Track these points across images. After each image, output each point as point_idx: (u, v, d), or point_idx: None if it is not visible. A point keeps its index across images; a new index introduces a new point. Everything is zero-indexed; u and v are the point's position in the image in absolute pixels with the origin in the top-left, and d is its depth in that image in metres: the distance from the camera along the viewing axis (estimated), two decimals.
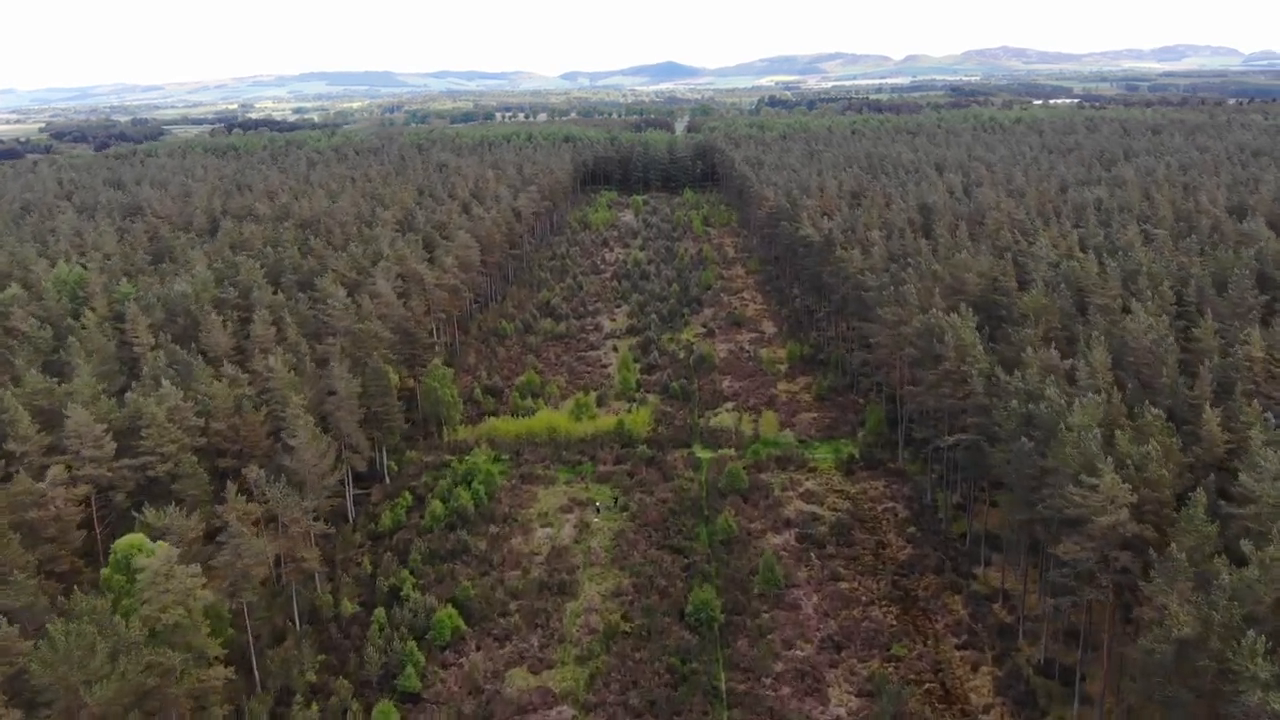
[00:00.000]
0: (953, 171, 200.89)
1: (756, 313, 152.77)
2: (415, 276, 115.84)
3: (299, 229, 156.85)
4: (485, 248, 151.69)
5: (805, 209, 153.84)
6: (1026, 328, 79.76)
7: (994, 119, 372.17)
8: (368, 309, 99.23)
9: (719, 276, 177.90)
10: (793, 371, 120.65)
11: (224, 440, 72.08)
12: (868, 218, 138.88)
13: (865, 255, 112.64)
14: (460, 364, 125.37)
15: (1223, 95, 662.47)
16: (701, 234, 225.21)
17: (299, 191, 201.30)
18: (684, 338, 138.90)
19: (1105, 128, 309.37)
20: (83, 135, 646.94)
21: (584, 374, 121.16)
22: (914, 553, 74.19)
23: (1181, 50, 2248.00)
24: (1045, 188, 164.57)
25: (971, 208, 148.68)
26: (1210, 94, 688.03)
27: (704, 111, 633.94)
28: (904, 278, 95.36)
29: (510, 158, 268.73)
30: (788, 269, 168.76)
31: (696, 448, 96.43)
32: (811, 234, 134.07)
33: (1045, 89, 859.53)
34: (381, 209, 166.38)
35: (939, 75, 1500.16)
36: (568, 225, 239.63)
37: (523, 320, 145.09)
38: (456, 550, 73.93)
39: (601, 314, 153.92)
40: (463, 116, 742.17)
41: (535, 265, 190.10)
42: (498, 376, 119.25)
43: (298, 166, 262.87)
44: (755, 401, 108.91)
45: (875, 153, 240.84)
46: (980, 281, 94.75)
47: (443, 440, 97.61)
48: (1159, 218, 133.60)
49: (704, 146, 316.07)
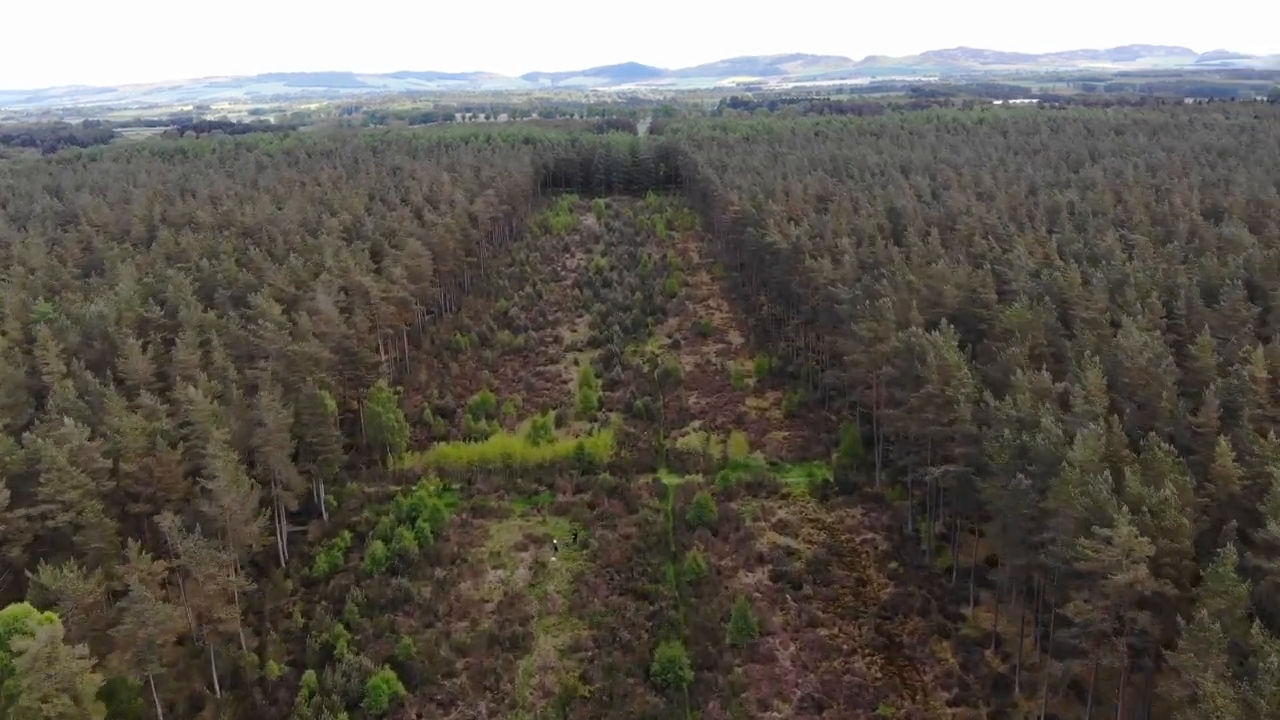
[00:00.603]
0: (919, 174, 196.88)
1: (723, 322, 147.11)
2: (360, 290, 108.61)
3: (240, 238, 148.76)
4: (438, 256, 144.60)
5: (771, 214, 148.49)
6: (1011, 345, 74.58)
7: (957, 120, 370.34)
8: (305, 327, 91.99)
9: (684, 283, 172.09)
10: (761, 386, 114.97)
11: (136, 483, 64.74)
12: (836, 224, 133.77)
13: (836, 264, 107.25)
14: (410, 382, 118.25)
15: (1178, 94, 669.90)
16: (665, 238, 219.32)
17: (245, 197, 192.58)
18: (648, 349, 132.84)
19: (1069, 128, 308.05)
20: (31, 139, 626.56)
21: (543, 391, 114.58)
22: (897, 591, 68.59)
23: (1136, 50, 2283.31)
24: (1015, 191, 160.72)
25: (941, 212, 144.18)
26: (1166, 93, 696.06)
27: (666, 113, 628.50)
28: (878, 290, 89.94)
29: (468, 160, 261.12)
30: (754, 276, 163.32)
31: (662, 473, 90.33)
32: (778, 241, 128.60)
33: (1004, 89, 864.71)
34: (329, 216, 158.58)
35: (898, 76, 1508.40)
36: (528, 230, 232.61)
37: (479, 333, 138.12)
38: (398, 599, 67.15)
39: (562, 324, 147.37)
40: (422, 117, 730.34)
41: (493, 273, 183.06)
42: (450, 395, 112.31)
43: (246, 171, 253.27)
44: (723, 420, 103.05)
45: (840, 155, 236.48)
46: (958, 293, 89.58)
47: (388, 469, 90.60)
48: (1135, 222, 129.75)
49: (667, 148, 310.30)
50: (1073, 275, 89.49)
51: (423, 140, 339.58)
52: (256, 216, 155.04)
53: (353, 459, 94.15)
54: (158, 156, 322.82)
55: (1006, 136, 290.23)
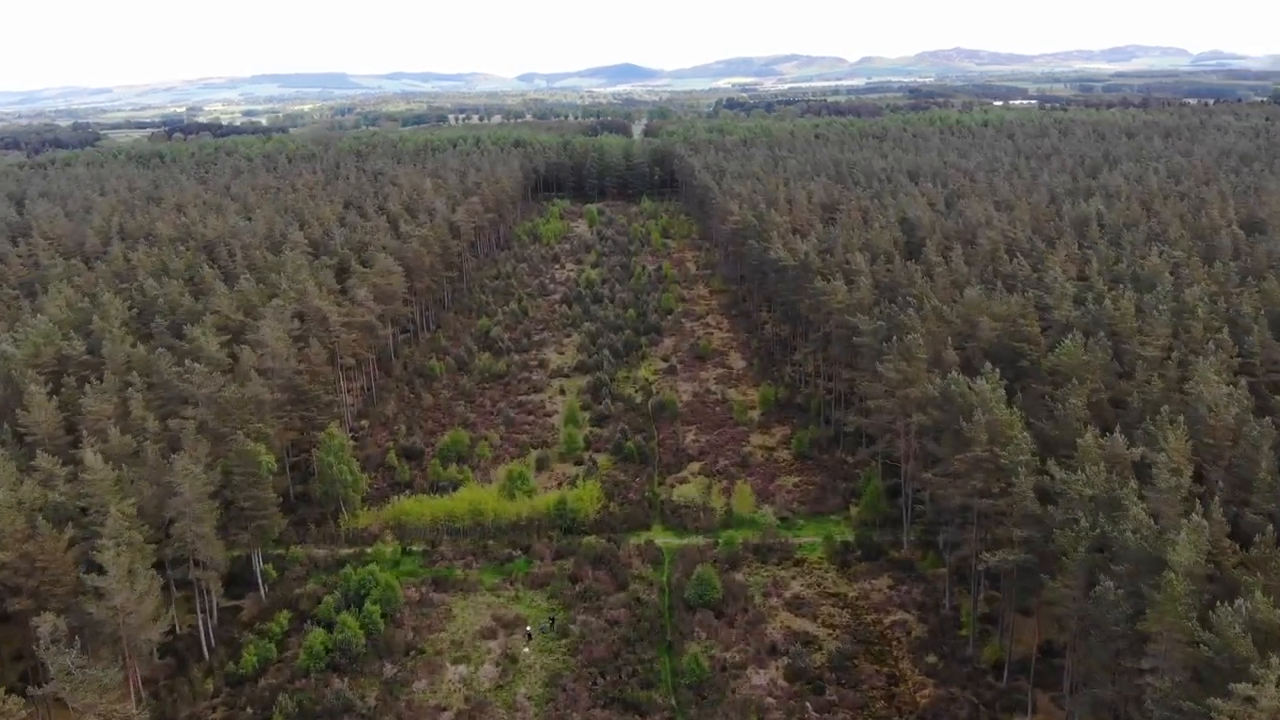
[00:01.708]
0: (929, 180, 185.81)
1: (723, 343, 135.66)
2: (317, 315, 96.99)
3: (200, 252, 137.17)
4: (413, 272, 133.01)
5: (775, 226, 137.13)
6: (1066, 390, 63.16)
7: (960, 122, 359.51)
8: (248, 364, 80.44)
9: (680, 299, 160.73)
10: (767, 419, 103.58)
11: (15, 574, 53.09)
12: (846, 237, 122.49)
13: (850, 286, 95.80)
14: (376, 416, 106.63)
15: (1177, 95, 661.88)
16: (660, 248, 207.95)
17: (213, 205, 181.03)
18: (642, 375, 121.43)
19: (1078, 131, 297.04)
20: (15, 141, 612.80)
21: (523, 426, 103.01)
22: (937, 694, 57.16)
23: (1130, 51, 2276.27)
24: (1036, 200, 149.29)
25: (959, 224, 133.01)
26: (1164, 94, 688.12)
27: (662, 114, 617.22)
28: (904, 321, 78.56)
29: (454, 165, 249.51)
30: (756, 290, 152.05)
31: (657, 530, 78.89)
32: (784, 257, 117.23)
33: (1001, 90, 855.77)
34: (298, 227, 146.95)
35: (894, 76, 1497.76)
36: (515, 238, 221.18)
37: (457, 356, 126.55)
38: (336, 709, 55.52)
39: (548, 345, 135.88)
40: (415, 119, 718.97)
41: (476, 286, 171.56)
42: (420, 432, 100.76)
43: (220, 176, 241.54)
44: (726, 462, 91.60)
45: (843, 159, 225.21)
46: (996, 326, 78.16)
47: (340, 527, 78.99)
48: (1172, 236, 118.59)
49: (662, 152, 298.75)
50: (1125, 304, 78.20)
51: (409, 143, 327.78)
52: (219, 229, 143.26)
53: (303, 512, 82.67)
54: (134, 161, 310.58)
55: (1014, 139, 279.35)
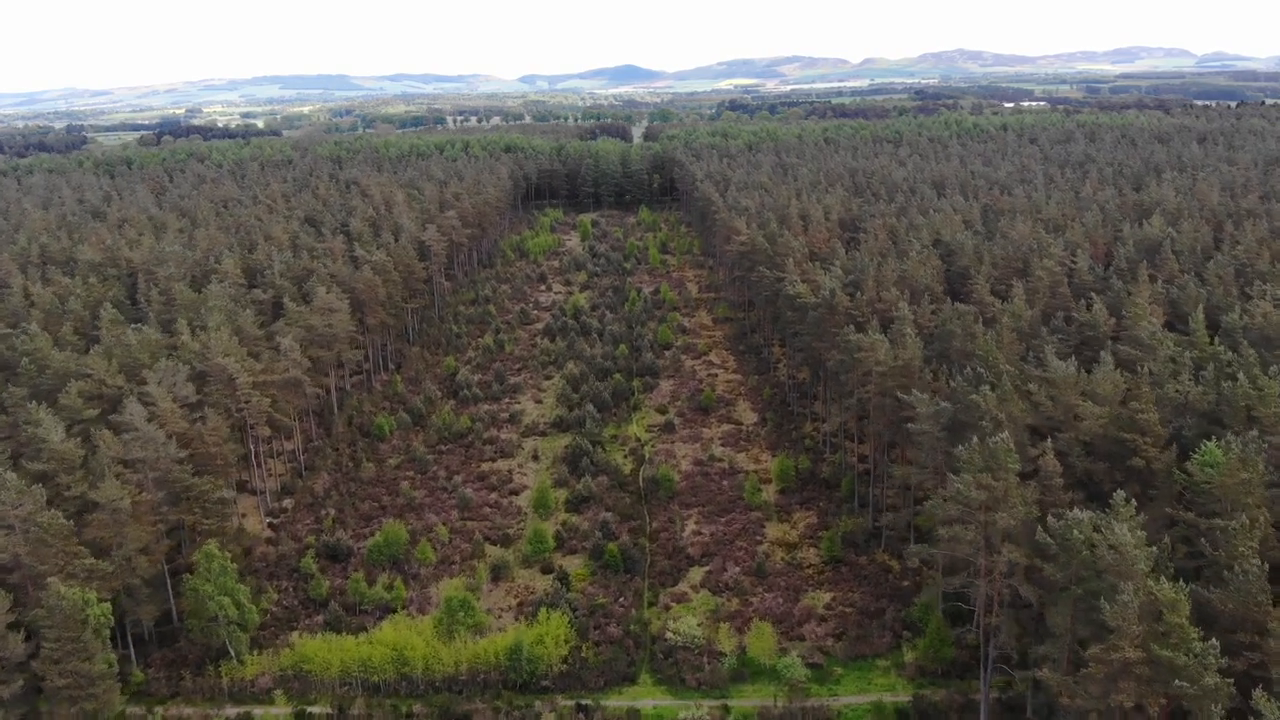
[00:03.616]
0: (956, 191, 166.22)
1: (730, 387, 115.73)
2: (222, 376, 77.21)
3: (120, 282, 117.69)
4: (364, 304, 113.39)
5: (790, 251, 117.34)
6: (1236, 538, 43.26)
7: (977, 125, 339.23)
8: (106, 458, 60.76)
9: (679, 329, 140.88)
10: (787, 501, 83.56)
11: None
12: (877, 268, 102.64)
13: (890, 337, 75.68)
14: (303, 495, 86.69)
15: (1185, 97, 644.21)
16: (658, 265, 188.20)
17: (158, 223, 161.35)
18: (633, 433, 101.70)
19: (1106, 135, 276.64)
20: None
21: (483, 510, 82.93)
22: None
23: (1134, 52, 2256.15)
24: (1088, 220, 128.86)
25: (1006, 249, 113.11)
26: (1172, 95, 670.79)
27: (663, 117, 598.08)
28: (975, 402, 58.67)
29: (437, 173, 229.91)
30: (766, 321, 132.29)
31: (644, 685, 58.91)
32: (804, 293, 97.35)
33: (1007, 91, 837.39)
34: (241, 251, 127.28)
35: (897, 78, 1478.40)
36: (500, 254, 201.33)
37: (413, 408, 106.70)
38: None
39: (525, 391, 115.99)
40: (413, 121, 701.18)
41: (450, 314, 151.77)
42: (353, 517, 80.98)
43: (180, 187, 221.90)
44: (737, 569, 71.54)
45: (859, 168, 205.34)
46: (1101, 416, 58.07)
47: (220, 675, 59.02)
48: (1264, 269, 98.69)
49: (662, 158, 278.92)
50: (1272, 385, 58.04)
51: (393, 149, 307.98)
52: (144, 255, 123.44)
53: (184, 647, 62.88)
54: (101, 168, 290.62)
55: (1036, 144, 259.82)
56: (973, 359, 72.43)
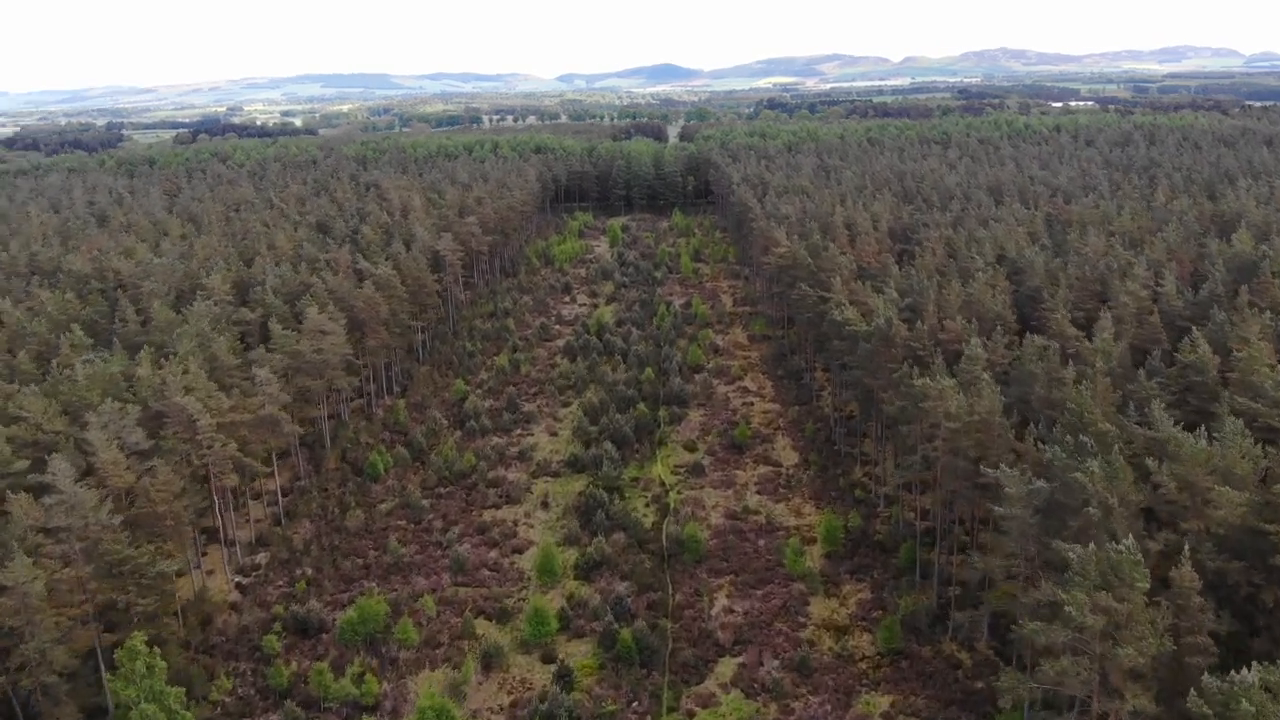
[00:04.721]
0: (1014, 198, 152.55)
1: (767, 419, 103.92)
2: (180, 418, 66.85)
3: (103, 297, 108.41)
4: (362, 325, 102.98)
5: (836, 268, 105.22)
6: None
7: (1029, 126, 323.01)
8: (17, 529, 50.42)
9: (712, 348, 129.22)
10: (834, 569, 71.44)
11: None
12: (938, 290, 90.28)
13: (966, 392, 63.26)
14: (280, 547, 76.10)
15: (1235, 97, 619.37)
16: (690, 275, 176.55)
17: (161, 229, 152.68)
18: (657, 474, 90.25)
19: (1168, 138, 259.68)
20: (34, 142, 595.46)
21: (479, 573, 71.67)
22: None
23: (1181, 51, 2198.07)
24: (1169, 235, 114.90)
25: (1081, 268, 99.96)
26: (1222, 95, 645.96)
27: (700, 116, 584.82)
28: (1078, 481, 46.53)
29: (462, 175, 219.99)
30: (808, 341, 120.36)
31: None
32: (854, 320, 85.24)
33: (1053, 91, 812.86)
34: (230, 263, 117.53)
35: (939, 76, 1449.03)
36: (524, 261, 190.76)
37: (414, 441, 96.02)
38: None
39: (538, 421, 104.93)
40: (449, 120, 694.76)
41: (466, 327, 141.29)
42: (330, 582, 70.22)
43: (197, 188, 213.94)
44: (776, 663, 59.85)
45: (906, 170, 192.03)
46: (1240, 504, 45.56)
47: None
48: None
49: (697, 159, 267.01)
50: None
51: (420, 150, 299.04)
52: (130, 267, 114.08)
53: None
54: (122, 168, 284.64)
55: (1093, 146, 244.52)
56: (1059, 410, 60.25)
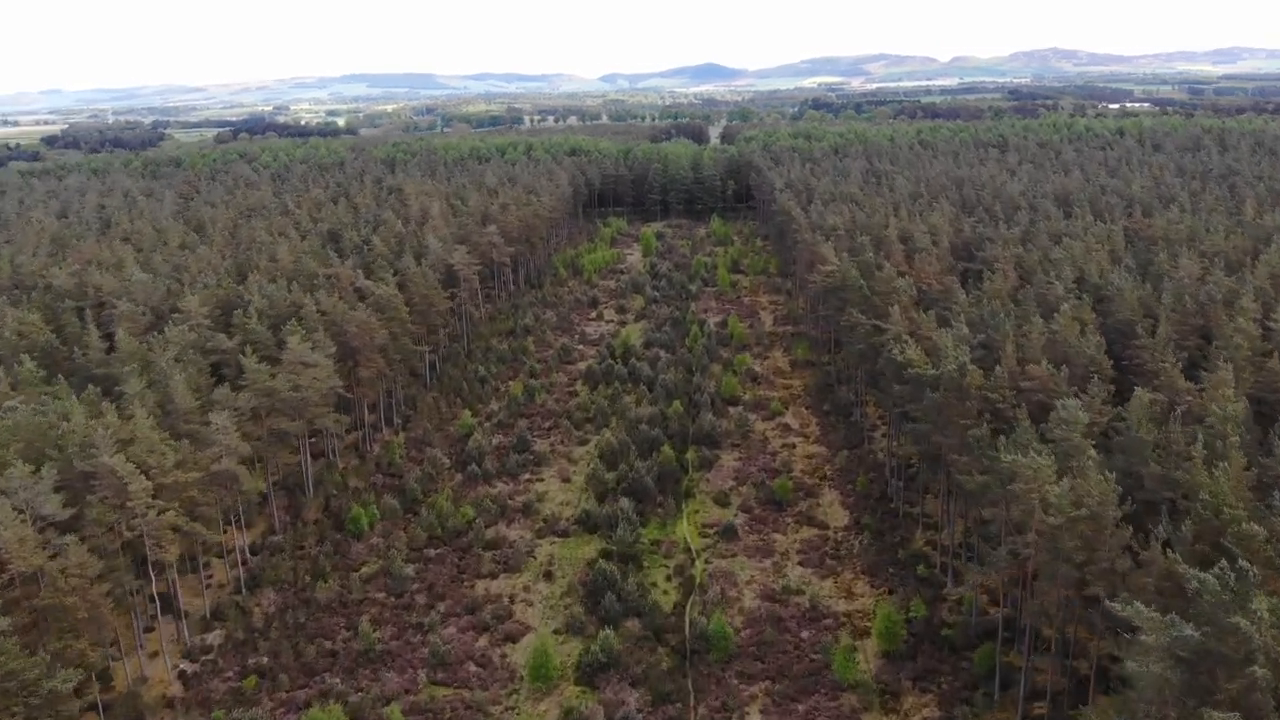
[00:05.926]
0: (1085, 209, 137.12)
1: (811, 466, 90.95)
2: (110, 482, 55.58)
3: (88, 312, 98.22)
4: (355, 353, 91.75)
5: (893, 294, 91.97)
6: None
7: (1089, 129, 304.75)
8: None
9: (749, 376, 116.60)
10: (894, 674, 58.26)
11: None
12: (1017, 325, 76.83)
13: (1068, 470, 50.01)
14: (237, 626, 64.78)
15: None
16: (728, 288, 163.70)
17: (161, 237, 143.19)
18: (681, 535, 77.83)
19: (1241, 143, 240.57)
20: (75, 141, 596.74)
21: (462, 669, 59.48)
22: None
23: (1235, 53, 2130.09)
24: (1271, 259, 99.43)
25: (1182, 298, 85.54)
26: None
27: (742, 116, 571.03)
28: (1238, 630, 33.51)
29: (490, 179, 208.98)
30: (857, 371, 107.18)
31: None
32: (917, 363, 72.10)
33: (1105, 91, 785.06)
34: (221, 280, 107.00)
35: (987, 77, 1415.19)
36: (552, 271, 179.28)
37: (406, 488, 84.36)
38: None
39: (550, 464, 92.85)
40: (490, 120, 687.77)
41: (482, 347, 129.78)
42: (288, 676, 58.62)
43: (214, 191, 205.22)
44: None
45: (963, 177, 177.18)
46: None
47: None
48: None
49: (737, 162, 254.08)
50: None
51: (452, 152, 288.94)
52: (112, 284, 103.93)
53: None
54: (147, 168, 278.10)
55: (1161, 150, 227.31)
56: (1180, 492, 47.09)
